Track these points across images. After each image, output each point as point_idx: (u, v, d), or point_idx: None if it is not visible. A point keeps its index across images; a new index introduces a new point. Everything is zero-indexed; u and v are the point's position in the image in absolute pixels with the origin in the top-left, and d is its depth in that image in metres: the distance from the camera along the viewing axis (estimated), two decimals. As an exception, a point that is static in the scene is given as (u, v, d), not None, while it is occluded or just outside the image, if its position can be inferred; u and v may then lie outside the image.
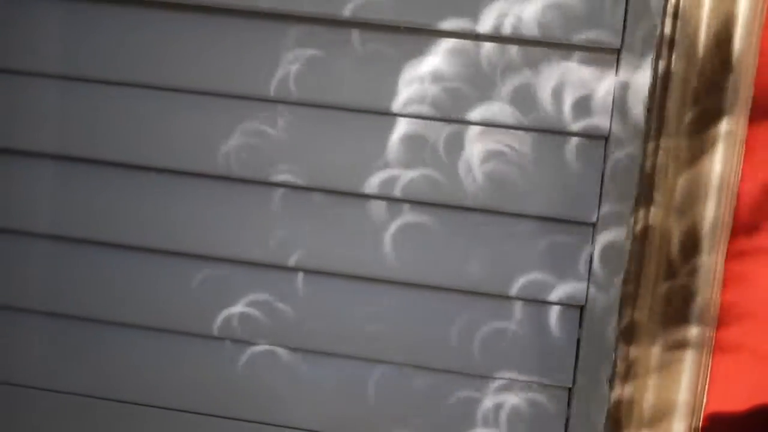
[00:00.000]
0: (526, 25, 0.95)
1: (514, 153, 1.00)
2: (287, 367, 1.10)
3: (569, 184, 0.99)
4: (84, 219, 1.09)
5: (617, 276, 1.00)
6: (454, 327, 1.05)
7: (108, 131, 1.05)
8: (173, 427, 1.13)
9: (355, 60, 1.00)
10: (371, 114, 1.01)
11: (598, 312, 1.01)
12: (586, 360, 1.03)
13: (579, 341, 1.03)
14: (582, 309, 1.03)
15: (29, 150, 1.07)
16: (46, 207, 1.09)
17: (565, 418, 1.06)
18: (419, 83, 0.99)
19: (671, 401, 1.01)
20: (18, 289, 1.12)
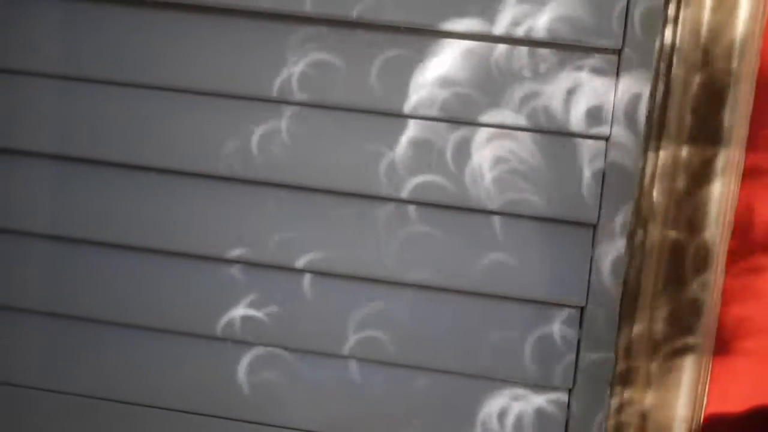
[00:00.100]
0: (527, 30, 0.95)
1: (514, 156, 1.00)
2: (288, 368, 1.10)
3: (570, 186, 0.99)
4: (84, 219, 1.08)
5: (617, 278, 1.00)
6: (454, 328, 1.05)
7: (108, 131, 1.05)
8: (174, 428, 1.13)
9: (361, 62, 1.00)
10: (377, 115, 1.01)
11: (598, 313, 1.01)
12: (586, 362, 1.03)
13: (579, 342, 1.03)
14: (582, 310, 1.03)
15: (29, 150, 1.07)
16: (46, 207, 1.09)
17: (565, 420, 1.06)
18: (428, 86, 0.99)
19: (671, 405, 1.01)
20: (18, 290, 1.12)
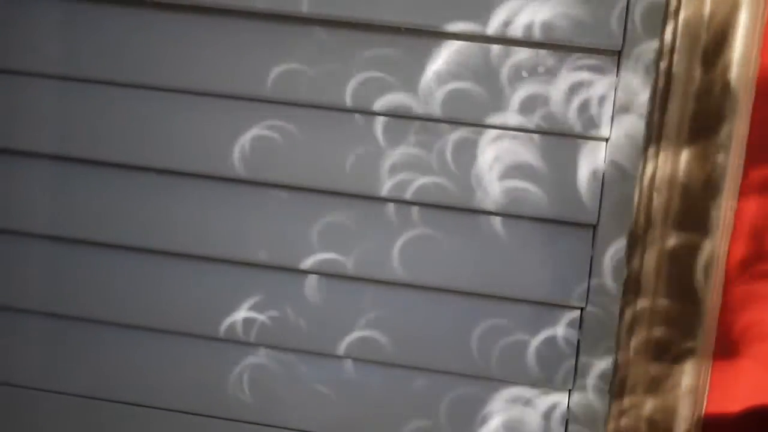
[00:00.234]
0: (527, 29, 0.95)
1: (514, 156, 1.00)
2: (288, 369, 1.10)
3: (570, 187, 0.99)
4: (84, 220, 1.08)
5: (617, 279, 1.00)
6: (453, 329, 1.05)
7: (108, 132, 1.05)
8: (173, 428, 1.13)
9: (361, 62, 0.99)
10: (378, 116, 1.01)
11: (598, 315, 1.01)
12: (585, 363, 1.03)
13: (579, 344, 1.03)
14: (582, 311, 1.03)
15: (29, 150, 1.07)
16: (45, 208, 1.09)
17: (565, 421, 1.06)
18: (428, 87, 0.99)
19: (671, 407, 1.01)
20: (18, 290, 1.12)
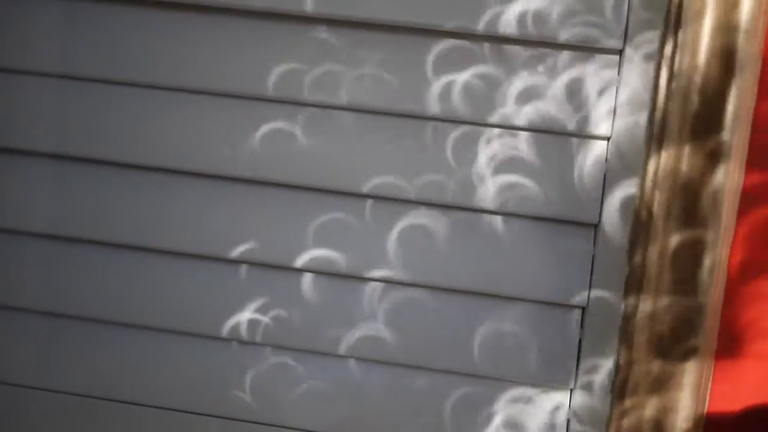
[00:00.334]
0: (528, 26, 0.95)
1: (515, 155, 0.99)
2: (288, 368, 1.09)
3: (572, 186, 0.99)
4: (82, 218, 1.08)
5: (619, 278, 1.00)
6: (454, 328, 1.05)
7: (106, 131, 1.05)
8: (171, 428, 1.13)
9: (360, 61, 0.99)
10: (376, 114, 1.01)
11: (599, 313, 1.01)
12: (587, 362, 1.03)
13: (581, 343, 1.03)
14: (583, 310, 1.03)
15: (27, 149, 1.07)
16: (43, 206, 1.08)
17: (566, 420, 1.06)
18: (428, 86, 0.99)
19: (673, 406, 1.01)
20: (15, 289, 1.12)
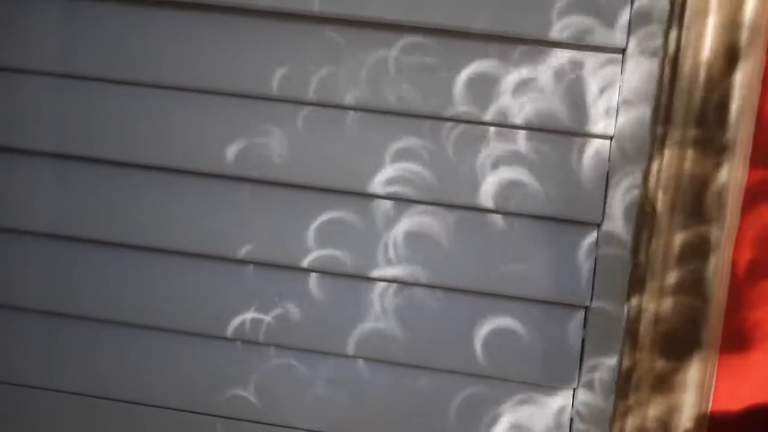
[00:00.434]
0: (529, 25, 0.95)
1: (518, 154, 0.99)
2: (291, 368, 1.09)
3: (574, 184, 0.99)
4: (83, 218, 1.08)
5: (622, 277, 0.99)
6: (457, 327, 1.05)
7: (107, 129, 1.05)
8: (172, 427, 1.13)
9: (363, 61, 0.99)
10: (377, 113, 1.00)
11: (603, 313, 1.01)
12: (590, 361, 1.02)
13: (583, 342, 1.03)
14: (587, 310, 1.02)
15: (27, 148, 1.07)
16: (44, 206, 1.08)
17: (569, 420, 1.06)
18: (432, 85, 0.98)
19: (676, 405, 1.01)
20: (16, 289, 1.11)
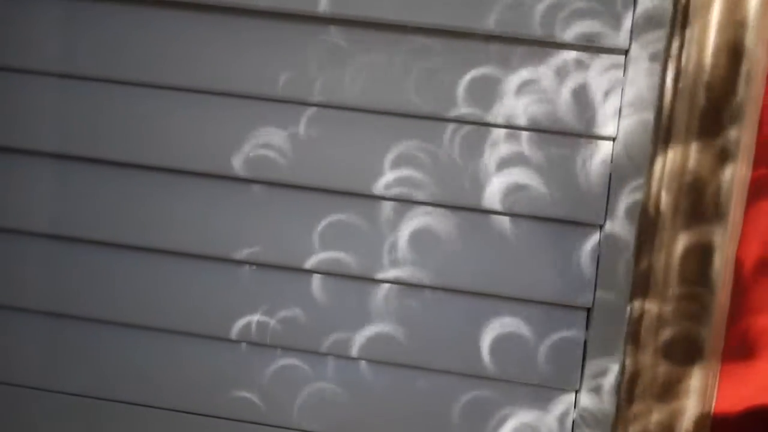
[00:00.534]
0: (534, 26, 0.94)
1: (520, 156, 0.99)
2: (294, 368, 1.09)
3: (578, 186, 0.99)
4: (84, 218, 1.08)
5: (625, 279, 0.99)
6: (459, 329, 1.05)
7: (108, 130, 1.05)
8: (173, 428, 1.13)
9: (367, 61, 0.99)
10: (381, 114, 1.00)
11: (605, 315, 1.01)
12: (592, 363, 1.02)
13: (586, 344, 1.03)
14: (589, 311, 1.02)
15: (29, 149, 1.07)
16: (45, 206, 1.08)
17: (571, 421, 1.05)
18: (435, 86, 0.98)
19: (679, 407, 1.01)
20: (18, 289, 1.11)
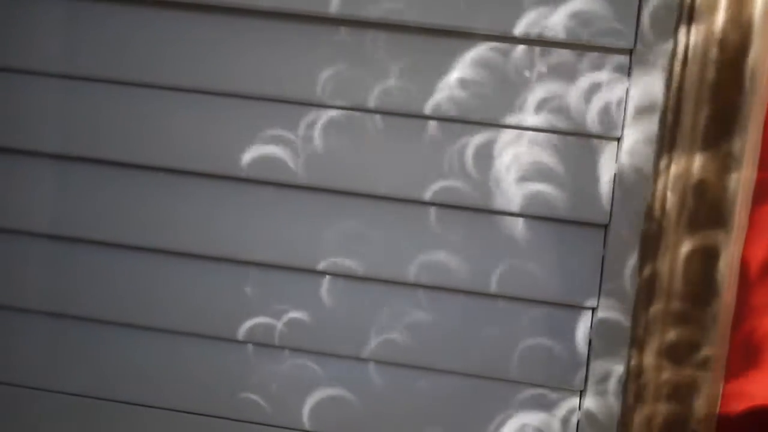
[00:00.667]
0: (540, 30, 0.94)
1: (528, 157, 0.99)
2: (298, 369, 1.09)
3: (582, 187, 0.99)
4: (86, 219, 1.08)
5: (630, 280, 0.99)
6: (464, 330, 1.05)
7: (111, 130, 1.04)
8: (174, 429, 1.13)
9: (375, 63, 0.98)
10: (393, 116, 1.00)
11: (610, 315, 1.01)
12: (598, 364, 1.02)
13: (591, 344, 1.03)
14: (594, 312, 1.02)
15: (30, 149, 1.06)
16: (46, 206, 1.08)
17: (576, 422, 1.06)
18: (446, 88, 0.98)
19: (684, 409, 1.01)
20: (19, 290, 1.11)
